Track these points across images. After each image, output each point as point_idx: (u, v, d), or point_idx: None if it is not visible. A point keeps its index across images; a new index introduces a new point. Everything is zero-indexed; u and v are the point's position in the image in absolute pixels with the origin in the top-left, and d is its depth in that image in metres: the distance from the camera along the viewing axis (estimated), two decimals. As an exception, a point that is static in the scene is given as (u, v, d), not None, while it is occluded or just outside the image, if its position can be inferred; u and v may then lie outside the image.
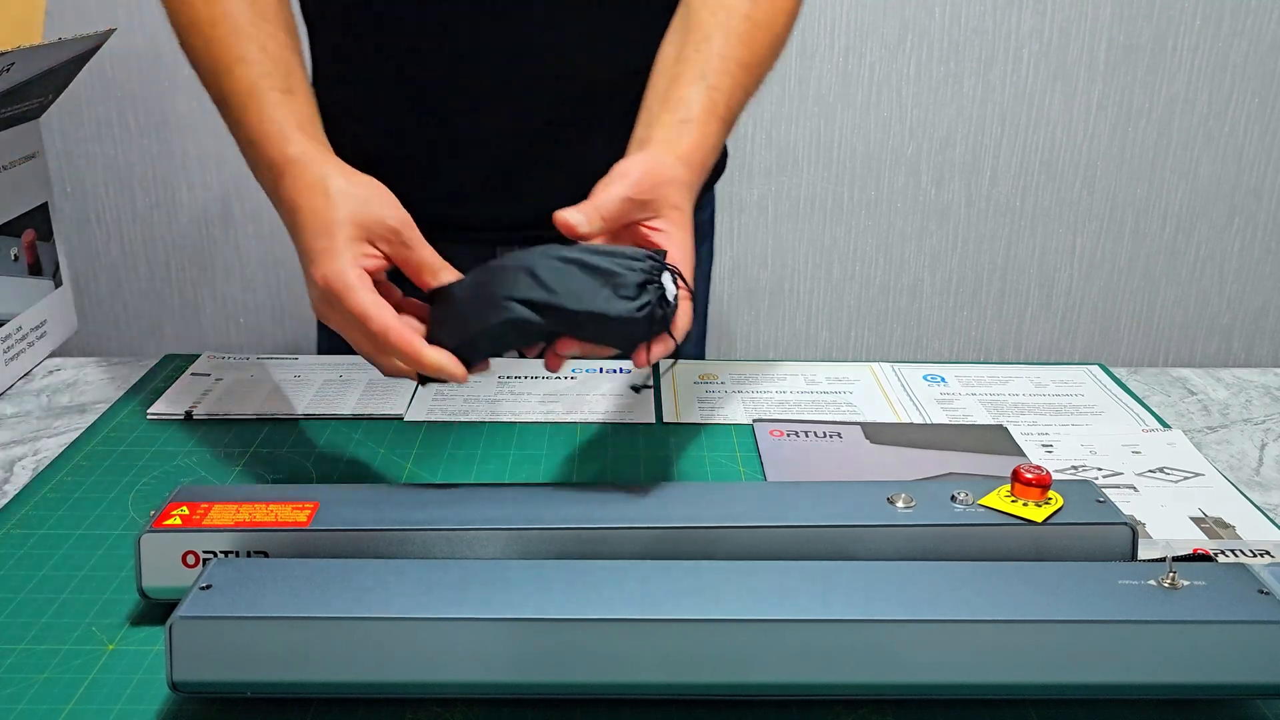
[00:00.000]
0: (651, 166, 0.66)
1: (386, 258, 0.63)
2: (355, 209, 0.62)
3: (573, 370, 0.90)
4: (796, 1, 0.79)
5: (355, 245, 0.61)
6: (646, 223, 0.65)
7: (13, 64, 0.81)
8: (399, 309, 0.63)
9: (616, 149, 0.72)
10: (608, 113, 0.85)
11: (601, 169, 0.68)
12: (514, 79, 0.85)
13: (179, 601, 0.49)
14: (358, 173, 0.65)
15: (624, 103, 0.80)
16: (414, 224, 0.63)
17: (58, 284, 0.97)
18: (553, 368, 0.63)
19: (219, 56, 0.68)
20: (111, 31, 0.96)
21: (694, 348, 1.04)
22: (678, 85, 0.71)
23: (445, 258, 0.82)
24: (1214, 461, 0.77)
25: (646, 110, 0.72)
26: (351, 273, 0.60)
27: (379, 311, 0.60)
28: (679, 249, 0.64)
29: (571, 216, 0.62)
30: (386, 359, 0.61)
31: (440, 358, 0.60)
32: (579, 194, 0.68)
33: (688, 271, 0.64)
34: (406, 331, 0.60)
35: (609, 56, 0.86)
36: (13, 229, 0.90)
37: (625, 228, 0.65)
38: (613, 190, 0.64)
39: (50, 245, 0.96)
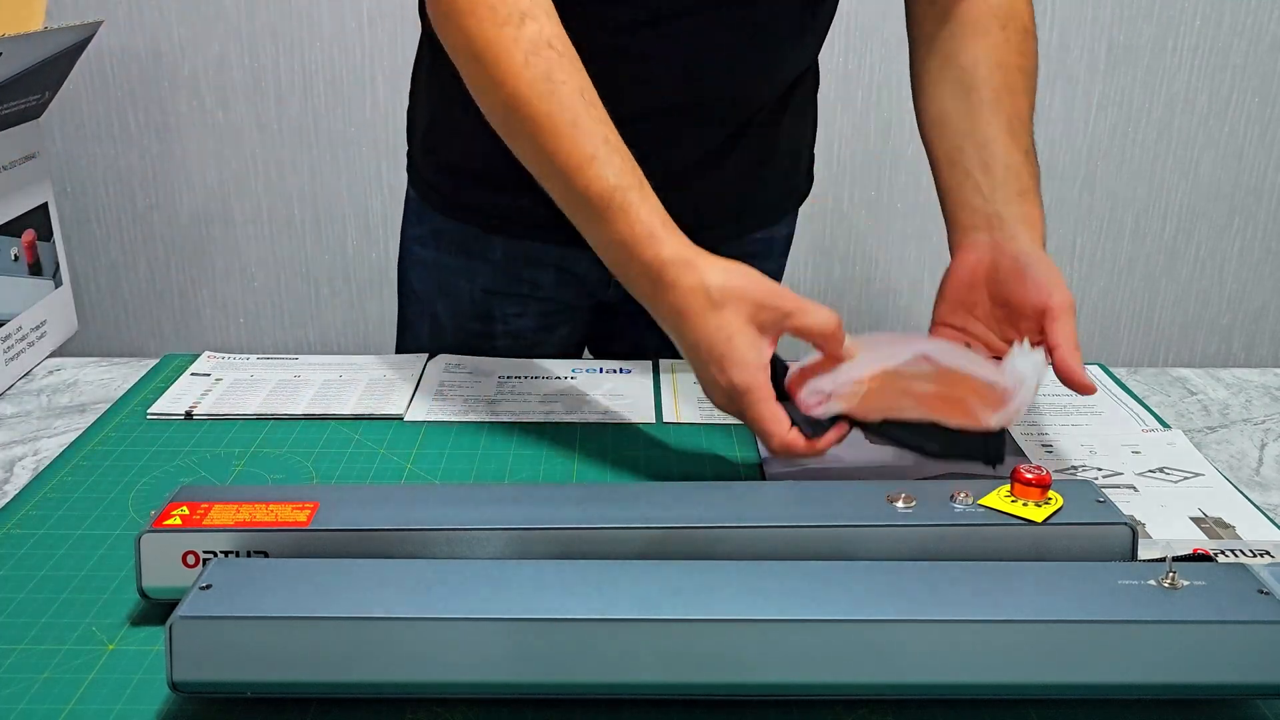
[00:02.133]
0: (1051, 276, 0.71)
1: (775, 337, 0.67)
2: (743, 308, 0.65)
3: (572, 370, 0.90)
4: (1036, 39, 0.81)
5: (756, 346, 0.65)
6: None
7: (1, 53, 0.81)
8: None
9: (740, 174, 0.77)
10: (751, 131, 0.89)
11: (736, 179, 0.75)
12: (649, 107, 0.83)
13: (179, 601, 0.49)
14: (725, 261, 0.67)
15: (763, 121, 0.87)
16: (789, 292, 0.67)
17: (58, 284, 0.97)
18: None
19: (567, 156, 0.66)
20: (100, 23, 0.96)
21: None
22: (995, 150, 0.75)
23: (565, 264, 0.92)
24: (1214, 461, 0.77)
25: (969, 178, 0.76)
26: (759, 377, 0.65)
27: (778, 426, 0.65)
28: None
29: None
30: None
31: (801, 441, 0.65)
32: (703, 210, 0.71)
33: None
34: (800, 439, 0.65)
35: (746, 79, 0.86)
36: (13, 229, 0.90)
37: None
38: (1063, 325, 0.70)
39: (50, 245, 0.96)
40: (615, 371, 0.91)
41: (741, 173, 0.91)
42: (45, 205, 0.95)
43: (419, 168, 0.97)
